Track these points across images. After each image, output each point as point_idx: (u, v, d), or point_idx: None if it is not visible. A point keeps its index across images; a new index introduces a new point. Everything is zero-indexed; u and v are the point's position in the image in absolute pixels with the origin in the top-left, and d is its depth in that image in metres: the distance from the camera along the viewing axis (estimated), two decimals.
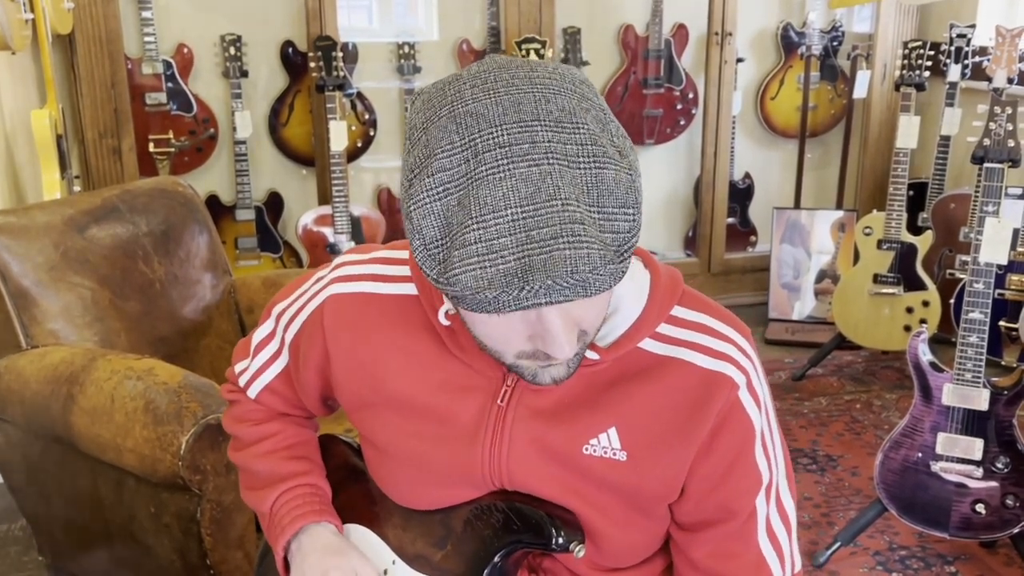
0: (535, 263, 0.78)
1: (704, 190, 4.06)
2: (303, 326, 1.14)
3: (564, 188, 0.78)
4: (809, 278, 3.89)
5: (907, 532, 2.49)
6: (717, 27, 3.84)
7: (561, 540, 1.00)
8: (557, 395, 1.01)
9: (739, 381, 1.01)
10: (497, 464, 1.03)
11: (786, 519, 1.08)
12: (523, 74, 0.83)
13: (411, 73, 3.79)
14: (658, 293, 1.03)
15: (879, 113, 4.06)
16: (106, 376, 1.86)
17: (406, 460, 1.07)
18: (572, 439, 1.01)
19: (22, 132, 2.80)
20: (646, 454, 1.01)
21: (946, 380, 2.21)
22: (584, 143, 0.80)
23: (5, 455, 2.16)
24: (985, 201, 2.20)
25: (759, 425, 1.03)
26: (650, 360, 1.01)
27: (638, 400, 1.00)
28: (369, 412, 1.10)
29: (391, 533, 1.14)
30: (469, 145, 0.80)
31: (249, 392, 1.22)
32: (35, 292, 2.07)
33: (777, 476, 1.07)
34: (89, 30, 3.24)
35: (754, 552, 1.05)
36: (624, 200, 0.81)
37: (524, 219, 0.78)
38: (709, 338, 1.02)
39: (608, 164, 0.81)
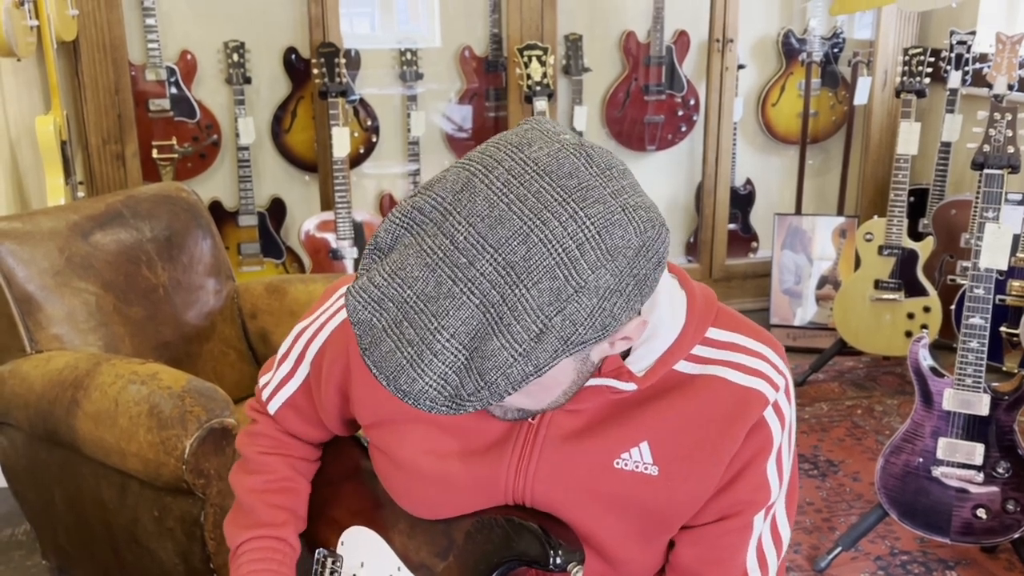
0: (384, 345, 0.82)
1: (705, 196, 4.07)
2: (326, 343, 1.14)
3: (453, 319, 0.80)
4: (810, 284, 3.89)
5: (908, 537, 2.50)
6: (718, 34, 3.86)
7: (560, 560, 0.99)
8: (589, 414, 1.01)
9: (770, 397, 1.01)
10: (522, 481, 1.03)
11: (779, 543, 1.07)
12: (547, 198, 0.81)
13: (413, 80, 3.80)
14: (694, 317, 1.03)
15: (880, 119, 4.07)
16: (110, 380, 1.87)
17: (424, 475, 1.07)
18: (603, 453, 1.01)
19: (27, 138, 2.81)
20: (678, 468, 1.00)
21: (947, 385, 2.22)
22: (508, 302, 0.79)
23: (9, 459, 2.17)
24: (985, 207, 2.21)
25: (778, 440, 1.03)
26: (683, 379, 1.01)
27: (670, 416, 1.00)
28: (388, 428, 1.10)
29: (397, 539, 1.14)
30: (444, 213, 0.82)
31: (270, 407, 1.22)
32: (39, 297, 2.08)
33: (780, 497, 1.06)
34: (93, 37, 3.25)
35: (739, 566, 1.04)
36: (485, 372, 0.80)
37: (408, 306, 0.81)
38: (742, 356, 1.03)
39: (504, 336, 0.79)
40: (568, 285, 0.79)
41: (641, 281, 0.83)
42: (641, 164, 4.19)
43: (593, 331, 0.81)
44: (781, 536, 1.07)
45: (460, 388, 0.81)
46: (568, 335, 0.80)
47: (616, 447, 1.01)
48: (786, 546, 1.08)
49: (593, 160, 0.83)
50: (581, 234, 0.79)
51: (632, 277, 0.82)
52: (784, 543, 1.08)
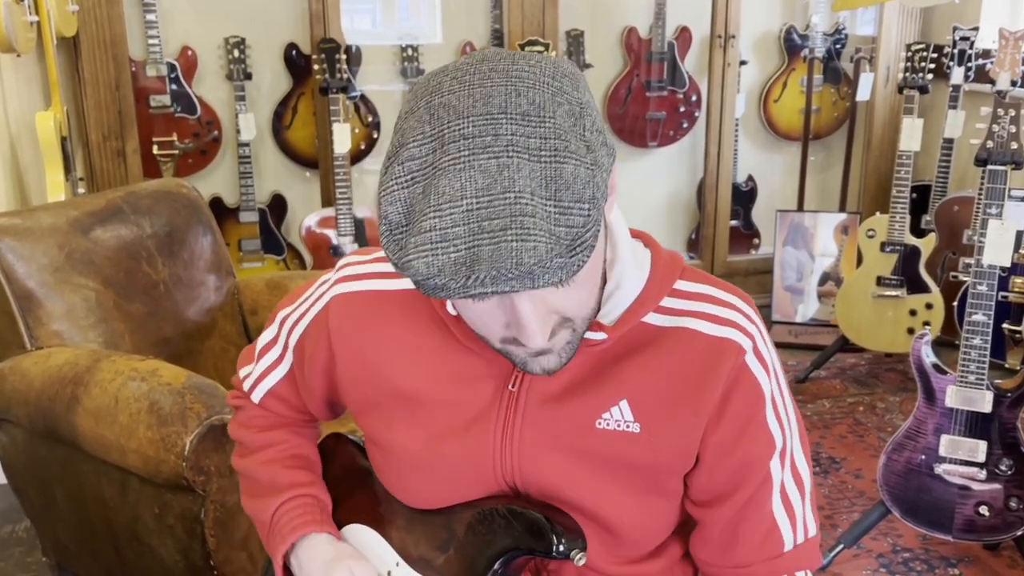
0: (483, 253, 0.79)
1: (707, 192, 4.06)
2: (307, 329, 1.14)
3: (520, 181, 0.80)
4: (812, 280, 3.89)
5: (910, 534, 2.49)
6: (720, 30, 3.85)
7: (562, 547, 1.00)
8: (567, 376, 1.01)
9: (745, 346, 1.02)
10: (509, 451, 1.03)
11: (800, 484, 1.08)
12: (502, 67, 0.85)
13: (414, 75, 3.80)
14: (659, 268, 1.04)
15: (882, 116, 4.06)
16: (110, 377, 1.86)
17: (414, 458, 1.07)
18: (585, 415, 1.01)
19: (27, 134, 2.81)
20: (659, 424, 1.01)
21: (949, 382, 2.21)
22: (547, 137, 0.81)
23: (9, 456, 2.17)
24: (988, 203, 2.20)
25: (768, 389, 1.03)
26: (655, 332, 1.02)
27: (646, 371, 1.01)
28: (375, 413, 1.10)
29: (395, 535, 1.14)
30: (437, 135, 0.82)
31: (253, 397, 1.23)
32: (40, 293, 2.08)
33: (791, 441, 1.07)
34: (93, 33, 3.25)
35: (767, 517, 1.05)
36: (580, 195, 0.81)
37: (478, 210, 0.79)
38: (713, 306, 1.03)
39: (569, 159, 0.81)
40: (572, 105, 0.84)
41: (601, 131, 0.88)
42: (643, 160, 4.18)
43: (607, 149, 0.87)
44: (802, 477, 1.08)
45: (570, 228, 0.80)
46: (602, 140, 0.86)
47: (596, 407, 1.01)
48: (808, 486, 1.09)
49: None
50: (544, 69, 0.85)
51: (590, 95, 0.89)
52: (806, 483, 1.08)
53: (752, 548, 1.05)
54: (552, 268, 0.80)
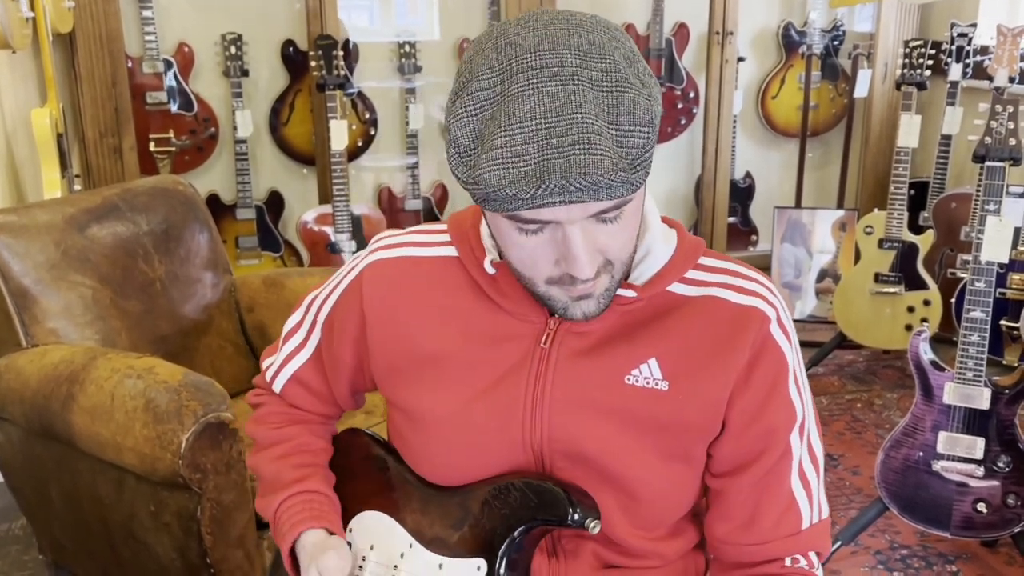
0: (552, 165, 0.86)
1: (705, 189, 4.05)
2: (338, 300, 1.17)
3: (585, 105, 0.87)
4: (810, 277, 3.88)
5: (908, 531, 2.49)
6: (718, 26, 3.84)
7: (577, 516, 1.02)
8: (598, 334, 1.06)
9: (770, 315, 1.05)
10: (540, 407, 1.05)
11: (816, 463, 1.11)
12: (563, 16, 0.93)
13: (412, 72, 3.79)
14: (685, 242, 1.10)
15: (880, 112, 4.06)
16: (106, 375, 1.86)
17: (442, 422, 1.09)
18: (614, 370, 1.05)
19: (23, 131, 2.80)
20: (687, 383, 1.04)
21: (947, 379, 2.21)
22: (608, 71, 0.88)
23: (5, 454, 2.16)
24: (986, 200, 2.20)
25: (791, 360, 1.07)
26: (683, 300, 1.07)
27: (675, 334, 1.05)
28: (404, 378, 1.11)
29: (409, 517, 1.15)
30: (505, 69, 0.89)
31: (275, 385, 1.24)
32: (35, 291, 2.07)
33: (809, 417, 1.10)
34: (90, 29, 3.24)
35: (786, 491, 1.08)
36: (640, 119, 0.88)
37: (546, 128, 0.87)
38: (737, 279, 1.08)
39: (629, 89, 0.88)
40: (626, 48, 0.92)
41: None
42: None
43: (658, 89, 0.93)
44: (816, 455, 1.11)
45: (631, 149, 0.88)
46: (655, 79, 0.94)
47: (626, 363, 1.05)
48: (822, 464, 1.12)
49: None
50: (598, 21, 0.94)
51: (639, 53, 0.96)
52: (820, 462, 1.11)
53: (771, 524, 1.08)
54: (616, 182, 0.87)
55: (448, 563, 1.09)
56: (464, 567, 1.08)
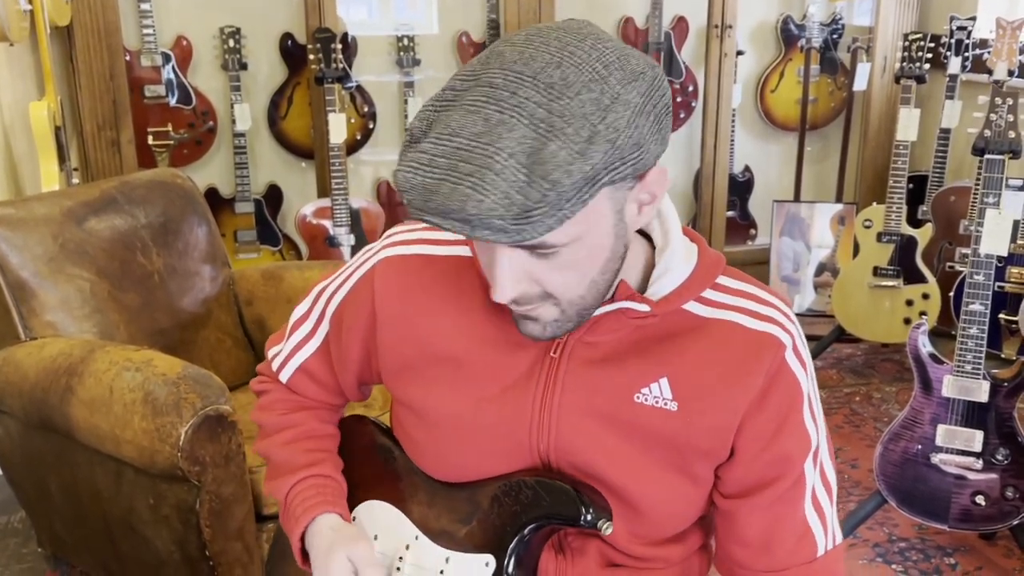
0: (444, 188, 0.84)
1: (704, 183, 4.05)
2: (348, 294, 1.16)
3: (505, 140, 0.83)
4: (809, 271, 3.88)
5: (906, 524, 2.49)
6: (717, 20, 3.83)
7: (590, 516, 1.01)
8: (609, 347, 1.04)
9: (785, 342, 1.04)
10: (548, 416, 1.05)
11: (829, 490, 1.10)
12: (568, 40, 0.88)
13: (410, 66, 3.79)
14: (705, 260, 1.08)
15: (879, 106, 4.06)
16: (105, 367, 1.86)
17: (451, 422, 1.08)
18: (623, 387, 1.04)
19: (20, 124, 2.79)
20: (697, 405, 1.03)
21: (946, 372, 2.21)
22: (554, 113, 0.83)
23: (4, 447, 2.16)
24: (986, 192, 2.20)
25: (806, 387, 1.06)
26: (699, 321, 1.05)
27: (688, 354, 1.04)
28: (414, 376, 1.11)
29: (415, 509, 1.14)
30: (476, 75, 0.87)
31: (282, 375, 1.24)
32: (33, 284, 2.07)
33: (822, 444, 1.09)
34: (87, 22, 3.23)
35: (800, 519, 1.07)
36: (548, 174, 0.82)
37: (462, 151, 0.84)
38: (754, 303, 1.06)
39: (558, 138, 0.83)
40: (604, 96, 0.85)
41: (659, 116, 0.89)
42: None
43: (631, 146, 0.86)
44: (830, 482, 1.10)
45: (526, 200, 0.83)
46: (614, 139, 0.84)
47: (636, 381, 1.04)
48: (835, 492, 1.11)
49: None
50: (605, 58, 0.87)
51: (652, 104, 0.88)
52: (833, 489, 1.11)
53: (788, 551, 1.07)
54: (492, 227, 0.83)
55: (456, 557, 1.09)
56: (472, 562, 1.07)
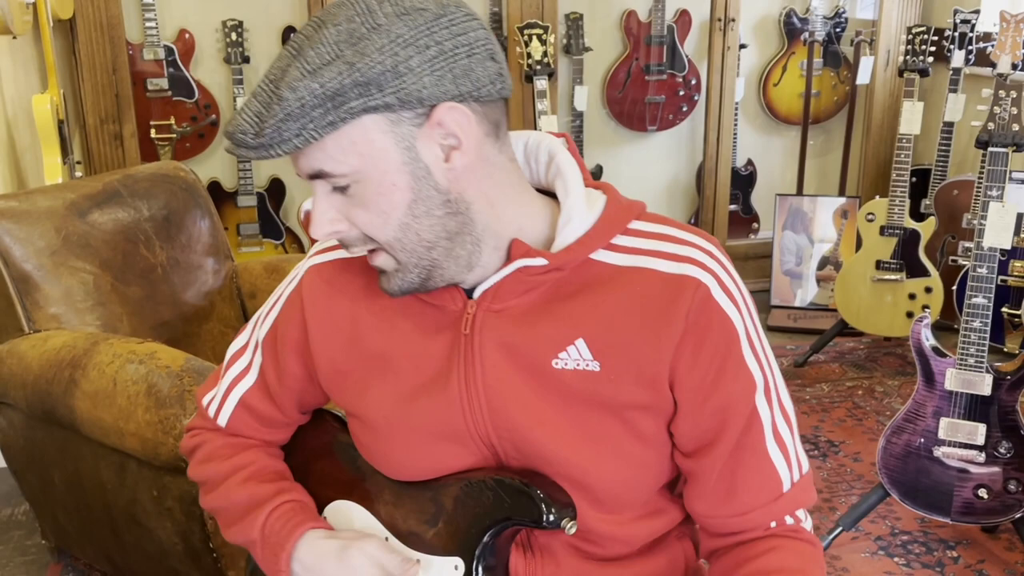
0: (241, 108, 0.93)
1: (706, 177, 4.05)
2: (280, 313, 1.15)
3: (272, 70, 0.91)
4: (811, 265, 3.88)
5: (909, 517, 2.50)
6: (720, 13, 3.83)
7: (552, 517, 0.99)
8: (519, 312, 1.02)
9: (706, 281, 1.00)
10: (476, 399, 1.02)
11: (788, 421, 1.07)
12: None
13: None
14: (613, 207, 1.04)
15: (882, 99, 4.05)
16: (108, 360, 1.86)
17: (389, 421, 1.07)
18: (541, 354, 1.01)
19: (23, 117, 2.80)
20: (619, 361, 1.00)
21: (949, 365, 2.21)
22: (311, 41, 0.90)
23: (8, 439, 2.17)
24: (989, 185, 2.20)
25: (741, 325, 1.02)
26: (610, 271, 1.01)
27: (603, 309, 1.00)
28: (349, 381, 1.10)
29: (383, 510, 1.13)
30: None
31: (220, 418, 1.20)
32: (37, 276, 2.07)
33: (773, 378, 1.05)
34: (90, 15, 3.23)
35: (763, 458, 1.04)
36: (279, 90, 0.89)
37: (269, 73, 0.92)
38: (671, 244, 1.02)
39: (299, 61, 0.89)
40: (363, 27, 0.89)
41: (446, 54, 0.90)
42: (642, 144, 4.17)
43: (383, 70, 0.88)
44: (788, 412, 1.07)
45: (263, 115, 0.90)
46: (354, 62, 0.88)
47: (551, 347, 1.01)
48: (795, 421, 1.08)
49: None
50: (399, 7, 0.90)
51: (431, 39, 0.90)
52: (792, 419, 1.07)
53: (752, 493, 1.04)
54: (246, 144, 0.92)
55: (426, 560, 1.07)
56: (442, 566, 1.05)
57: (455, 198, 0.96)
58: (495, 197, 0.99)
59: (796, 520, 1.07)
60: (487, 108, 0.96)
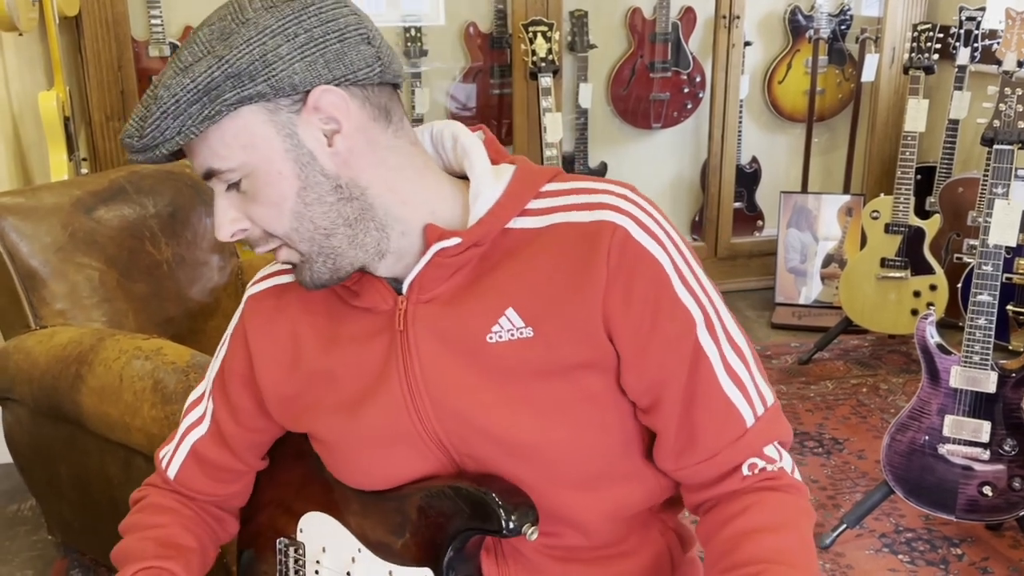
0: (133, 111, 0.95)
1: (711, 174, 4.05)
2: (227, 351, 1.15)
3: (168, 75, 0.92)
4: (816, 262, 3.88)
5: (913, 514, 2.50)
6: (725, 10, 3.83)
7: (512, 524, 0.97)
8: (446, 297, 1.01)
9: (623, 224, 0.97)
10: (418, 398, 1.01)
11: (740, 353, 1.03)
12: None
13: (418, 56, 3.78)
14: (522, 173, 1.03)
15: (887, 97, 4.05)
16: (114, 356, 1.87)
17: (341, 437, 1.06)
18: (474, 332, 0.99)
19: (30, 114, 2.80)
20: (551, 321, 0.98)
21: (954, 362, 2.21)
22: (187, 44, 0.93)
23: (14, 434, 2.17)
24: (995, 183, 2.20)
25: (667, 262, 0.98)
26: (529, 235, 1.00)
27: (527, 274, 0.99)
28: (297, 404, 1.09)
29: (352, 520, 1.12)
30: None
31: (170, 470, 1.19)
32: (43, 273, 2.08)
33: (715, 312, 1.02)
34: (96, 12, 3.23)
35: (717, 396, 1.01)
36: (155, 90, 0.92)
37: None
38: (583, 196, 1.00)
39: (173, 63, 0.92)
40: (233, 22, 0.92)
41: (316, 40, 0.91)
42: (646, 142, 4.17)
43: (252, 60, 0.90)
44: (739, 344, 1.03)
45: (144, 116, 0.92)
46: (224, 55, 0.90)
47: (483, 323, 0.99)
48: (748, 352, 1.04)
49: None
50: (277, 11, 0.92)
51: (300, 27, 0.91)
52: (745, 350, 1.03)
53: (712, 434, 1.01)
54: (131, 147, 0.93)
55: (397, 571, 1.06)
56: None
57: (346, 183, 0.96)
58: (394, 182, 0.99)
59: (770, 461, 1.02)
60: (369, 92, 0.96)
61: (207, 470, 1.18)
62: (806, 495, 1.04)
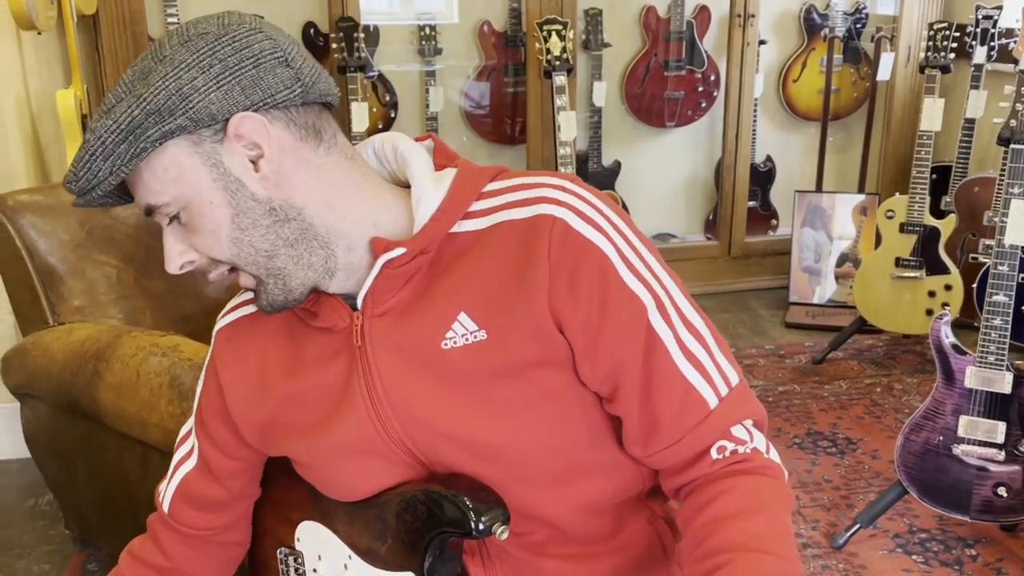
0: None
1: (725, 173, 4.04)
2: (203, 388, 1.17)
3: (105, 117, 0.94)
4: (830, 262, 3.87)
5: (927, 515, 2.49)
6: (740, 9, 3.82)
7: (482, 526, 0.98)
8: (400, 309, 1.01)
9: (561, 215, 0.97)
10: (382, 411, 1.02)
11: (698, 334, 1.02)
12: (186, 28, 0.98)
13: (432, 55, 3.79)
14: (462, 176, 1.03)
15: (903, 96, 4.03)
16: (132, 352, 1.88)
17: (316, 456, 1.08)
18: (429, 340, 0.99)
19: (48, 112, 2.82)
20: (502, 321, 0.98)
21: (969, 363, 2.20)
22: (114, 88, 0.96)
23: (32, 430, 2.19)
24: (1011, 183, 2.19)
25: (611, 250, 0.98)
26: (474, 237, 1.00)
27: (475, 277, 0.99)
28: (271, 430, 1.11)
29: (341, 529, 1.14)
30: None
31: (164, 505, 1.22)
32: (61, 270, 2.10)
33: (667, 295, 1.01)
34: (113, 11, 3.25)
35: (675, 379, 1.00)
36: (86, 137, 0.94)
37: None
38: (521, 192, 1.00)
39: (100, 108, 0.95)
40: (152, 62, 0.95)
41: (231, 69, 0.93)
42: (660, 140, 4.17)
43: (168, 95, 0.92)
44: (695, 325, 1.02)
45: (78, 161, 0.94)
46: (142, 94, 0.92)
47: (437, 331, 0.99)
48: (707, 333, 1.03)
49: None
50: (178, 32, 0.96)
51: (215, 58, 0.93)
52: (703, 331, 1.03)
53: (674, 418, 1.00)
54: (71, 191, 0.96)
55: None
56: None
57: (280, 205, 0.97)
58: (332, 198, 0.99)
59: (739, 442, 1.01)
60: (293, 113, 0.97)
61: (195, 503, 1.20)
62: (782, 475, 1.02)
